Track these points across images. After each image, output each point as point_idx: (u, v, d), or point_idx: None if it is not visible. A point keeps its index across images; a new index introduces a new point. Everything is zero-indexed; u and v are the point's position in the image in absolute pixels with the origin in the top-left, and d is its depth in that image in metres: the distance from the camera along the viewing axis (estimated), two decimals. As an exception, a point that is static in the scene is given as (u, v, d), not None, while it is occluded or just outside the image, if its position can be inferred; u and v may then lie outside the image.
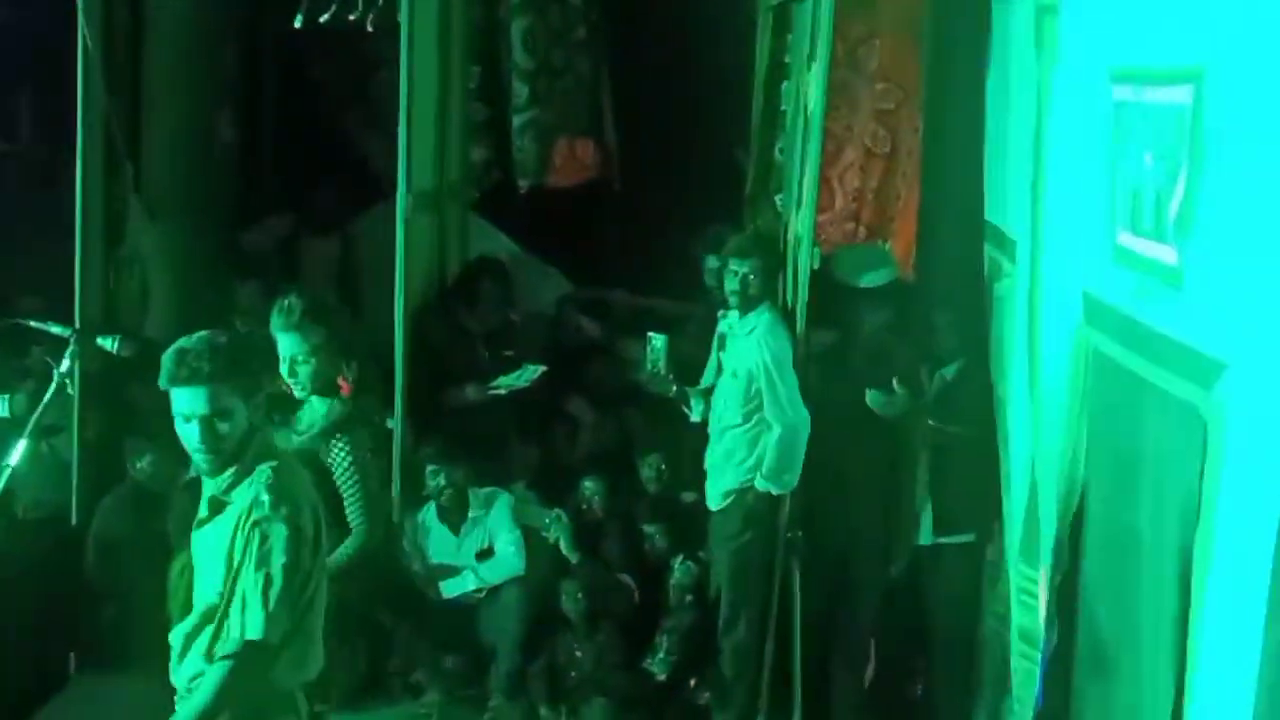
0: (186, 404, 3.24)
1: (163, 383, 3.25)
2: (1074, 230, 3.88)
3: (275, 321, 4.20)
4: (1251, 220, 2.51)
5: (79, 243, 5.71)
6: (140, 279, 6.56)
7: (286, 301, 4.20)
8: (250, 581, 3.22)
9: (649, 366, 5.76)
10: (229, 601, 3.26)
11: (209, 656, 3.33)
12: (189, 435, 3.28)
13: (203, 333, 3.30)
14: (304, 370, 4.24)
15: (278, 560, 3.21)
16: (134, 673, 5.52)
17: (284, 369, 4.21)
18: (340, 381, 4.29)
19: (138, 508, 5.85)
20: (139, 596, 5.67)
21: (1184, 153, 2.78)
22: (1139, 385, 3.14)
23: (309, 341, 4.20)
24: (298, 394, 4.29)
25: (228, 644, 3.25)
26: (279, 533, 3.22)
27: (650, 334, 5.76)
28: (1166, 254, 2.85)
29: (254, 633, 3.20)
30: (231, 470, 3.31)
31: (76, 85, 5.79)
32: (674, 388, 5.69)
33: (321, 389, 4.27)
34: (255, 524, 3.24)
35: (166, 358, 3.25)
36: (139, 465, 5.87)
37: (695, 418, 5.61)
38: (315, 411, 4.29)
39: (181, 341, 3.28)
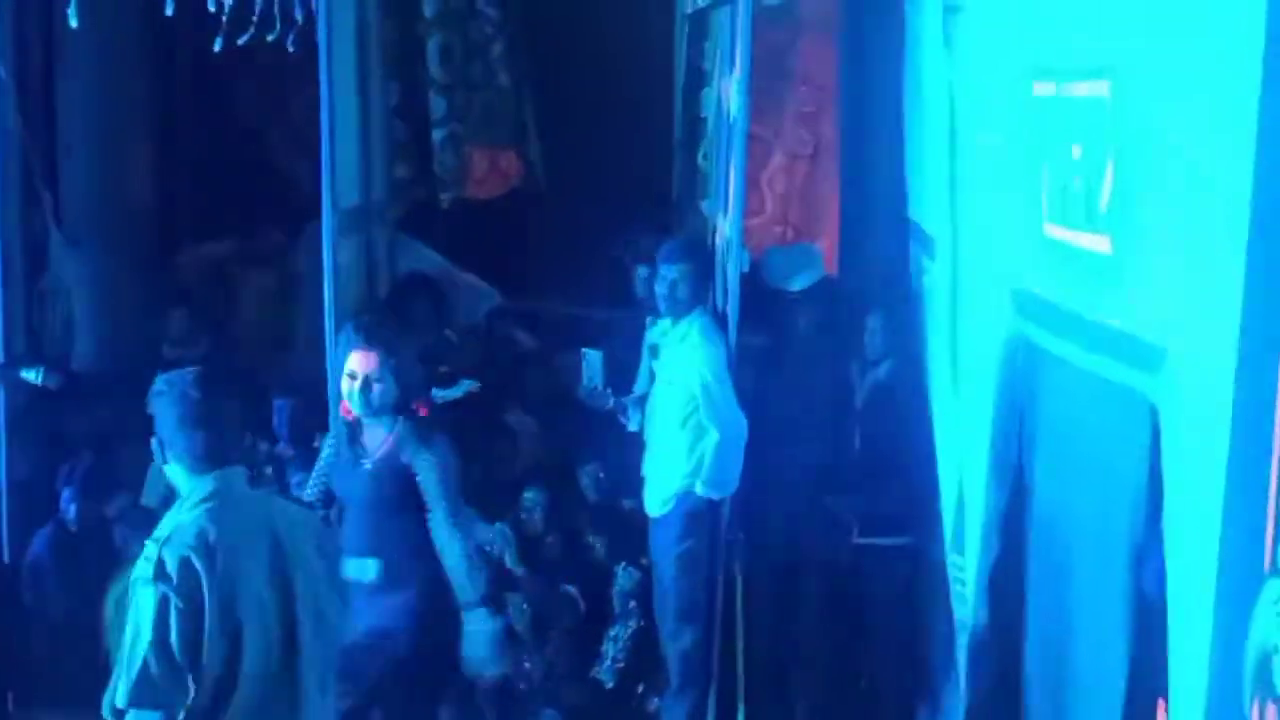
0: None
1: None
2: (998, 224, 3.96)
3: (354, 340, 4.23)
4: (1182, 204, 2.58)
5: (0, 276, 5.61)
6: (64, 309, 6.47)
7: (367, 319, 4.26)
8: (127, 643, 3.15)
9: (585, 382, 5.77)
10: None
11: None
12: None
13: None
14: (378, 389, 4.33)
15: (145, 629, 3.12)
16: (71, 708, 5.47)
17: (355, 388, 4.27)
18: (417, 405, 4.45)
19: (65, 544, 5.77)
20: (71, 632, 5.62)
21: (1109, 144, 2.85)
22: (1074, 374, 3.21)
23: (389, 361, 4.29)
24: (359, 412, 4.39)
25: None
26: (148, 600, 3.14)
27: (585, 350, 5.77)
28: (1100, 243, 2.91)
29: (118, 699, 3.15)
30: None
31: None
32: (611, 401, 5.71)
33: (385, 409, 4.37)
34: (136, 582, 3.19)
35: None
36: (69, 510, 5.80)
37: (633, 428, 5.63)
38: (376, 434, 4.41)
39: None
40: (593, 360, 5.71)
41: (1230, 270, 2.22)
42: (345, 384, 4.45)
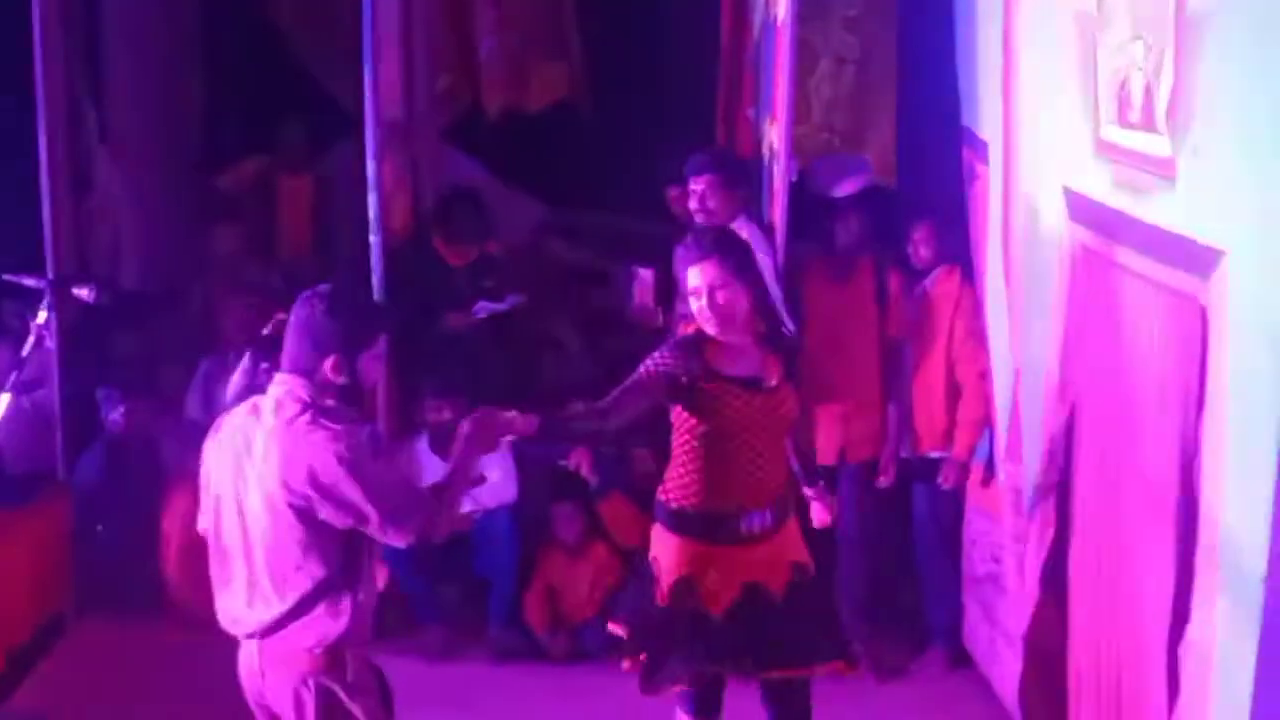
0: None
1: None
2: (1052, 127, 3.86)
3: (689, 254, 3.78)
4: (1245, 106, 2.48)
5: (47, 194, 5.62)
6: (111, 227, 6.50)
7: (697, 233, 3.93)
8: None
9: (636, 300, 5.72)
10: None
11: None
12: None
13: None
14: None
15: None
16: (131, 618, 5.59)
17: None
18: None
19: (115, 459, 5.84)
20: (124, 545, 5.71)
21: (1170, 43, 2.74)
22: (1131, 278, 3.14)
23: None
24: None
25: None
26: None
27: (635, 268, 5.70)
28: (1158, 145, 2.82)
29: None
30: None
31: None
32: (661, 319, 5.65)
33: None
34: None
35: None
36: (112, 417, 5.85)
37: None
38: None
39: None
40: (644, 279, 5.65)
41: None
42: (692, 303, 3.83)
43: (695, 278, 3.69)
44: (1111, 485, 3.47)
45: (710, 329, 3.70)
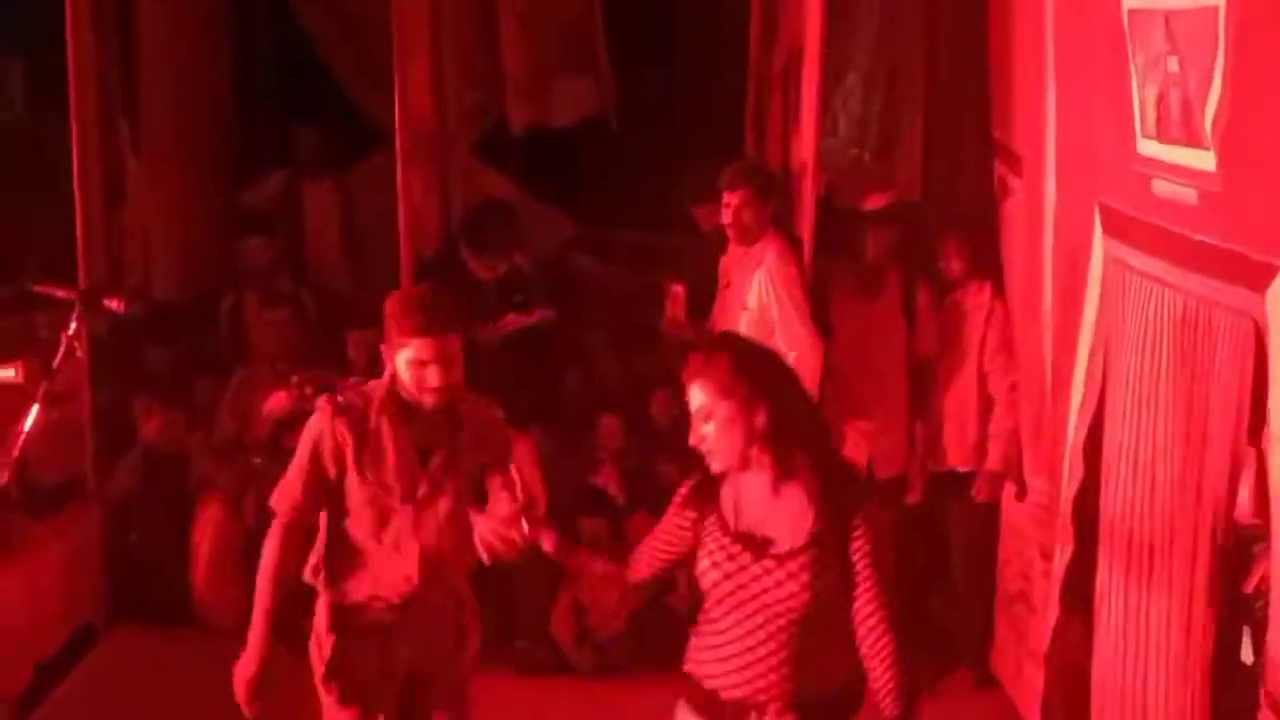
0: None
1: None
2: (1087, 141, 3.84)
3: None
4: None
5: (79, 204, 5.66)
6: (143, 239, 6.53)
7: None
8: None
9: (668, 312, 5.73)
10: None
11: None
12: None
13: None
14: None
15: None
16: (163, 627, 5.60)
17: None
18: None
19: (149, 470, 5.87)
20: (158, 556, 5.73)
21: (1217, 57, 2.72)
22: (1171, 294, 3.11)
23: None
24: None
25: None
26: None
27: (670, 282, 5.72)
28: (1203, 160, 2.80)
29: None
30: None
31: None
32: (694, 334, 5.65)
33: None
34: None
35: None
36: (148, 428, 5.88)
37: None
38: None
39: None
40: (677, 294, 5.67)
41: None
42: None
43: (692, 397, 2.95)
44: (1144, 503, 3.44)
45: (710, 463, 2.96)
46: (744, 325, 5.34)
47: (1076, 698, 4.00)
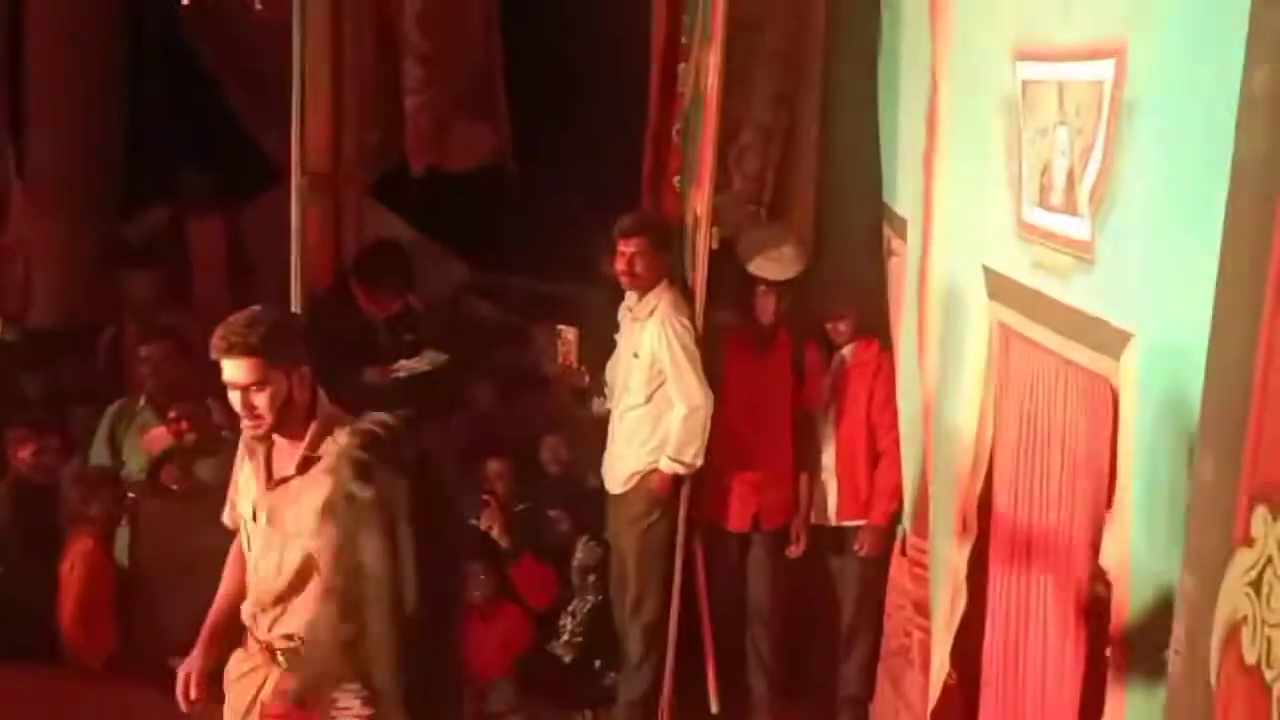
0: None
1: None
2: (972, 206, 3.94)
3: None
4: (1167, 194, 2.56)
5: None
6: (23, 265, 6.39)
7: None
8: None
9: (560, 359, 5.74)
10: None
11: None
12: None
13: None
14: None
15: None
16: (28, 665, 5.42)
17: None
18: None
19: (18, 500, 5.70)
20: (25, 590, 5.55)
21: (1100, 128, 2.82)
22: (1045, 357, 3.20)
23: None
24: None
25: None
26: None
27: (560, 327, 5.73)
28: (1079, 228, 2.90)
29: None
30: None
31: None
32: (587, 379, 5.68)
33: None
34: None
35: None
36: (20, 455, 5.73)
37: (610, 405, 5.61)
38: None
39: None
40: (569, 337, 5.69)
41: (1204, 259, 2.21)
42: None
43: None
44: (1022, 564, 3.51)
45: None
46: (634, 374, 5.39)
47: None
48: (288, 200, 5.60)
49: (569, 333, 5.67)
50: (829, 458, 5.43)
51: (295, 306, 5.50)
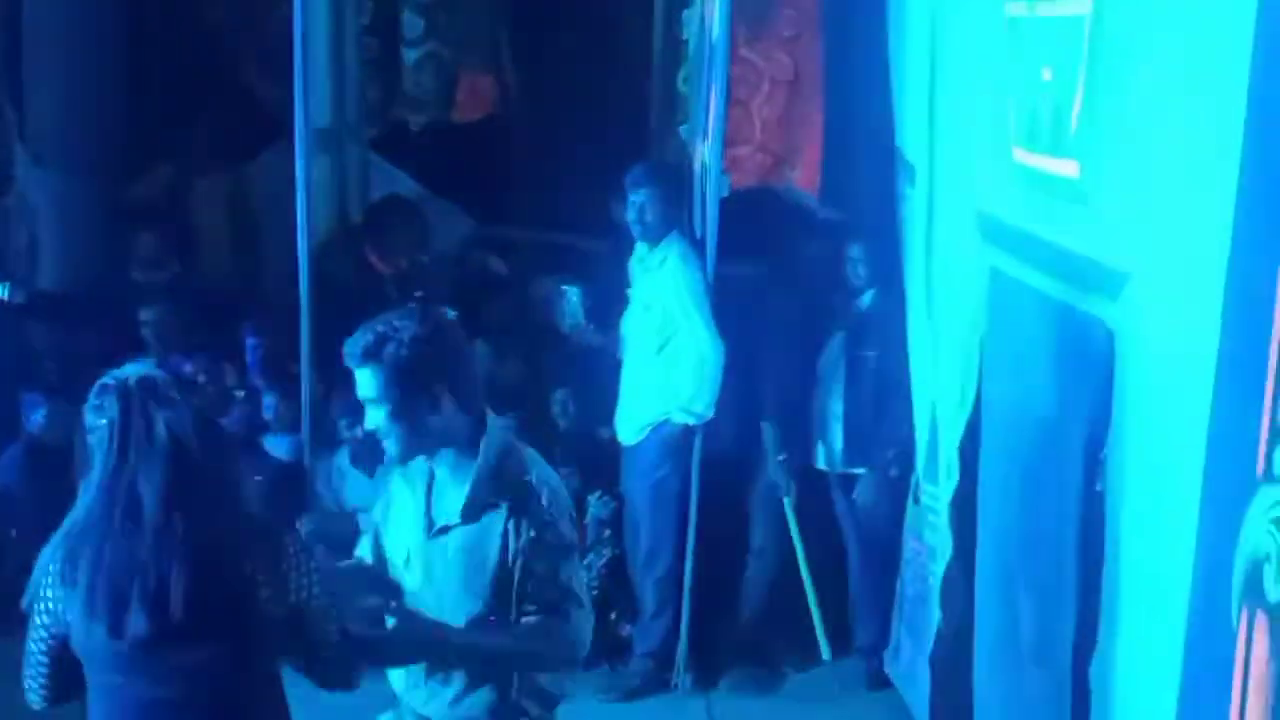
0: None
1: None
2: (969, 150, 3.90)
3: None
4: (1152, 130, 2.52)
5: (-37, 192, 5.51)
6: (29, 228, 6.36)
7: None
8: None
9: (569, 320, 5.72)
10: None
11: None
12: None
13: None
14: None
15: None
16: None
17: None
18: None
19: (31, 463, 5.70)
20: (35, 553, 5.55)
21: (1082, 65, 2.78)
22: (1039, 300, 3.17)
23: None
24: None
25: None
26: None
27: (565, 287, 5.70)
28: (1067, 168, 2.86)
29: None
30: None
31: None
32: (598, 336, 5.66)
33: None
34: None
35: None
36: (34, 419, 5.72)
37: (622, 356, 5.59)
38: None
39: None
40: (573, 298, 5.66)
41: (1208, 195, 2.16)
42: None
43: None
44: (1018, 507, 3.50)
45: None
46: (646, 325, 5.36)
47: (961, 700, 4.05)
48: (290, 157, 5.57)
49: (571, 292, 5.64)
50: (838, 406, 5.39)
51: (302, 263, 5.48)
